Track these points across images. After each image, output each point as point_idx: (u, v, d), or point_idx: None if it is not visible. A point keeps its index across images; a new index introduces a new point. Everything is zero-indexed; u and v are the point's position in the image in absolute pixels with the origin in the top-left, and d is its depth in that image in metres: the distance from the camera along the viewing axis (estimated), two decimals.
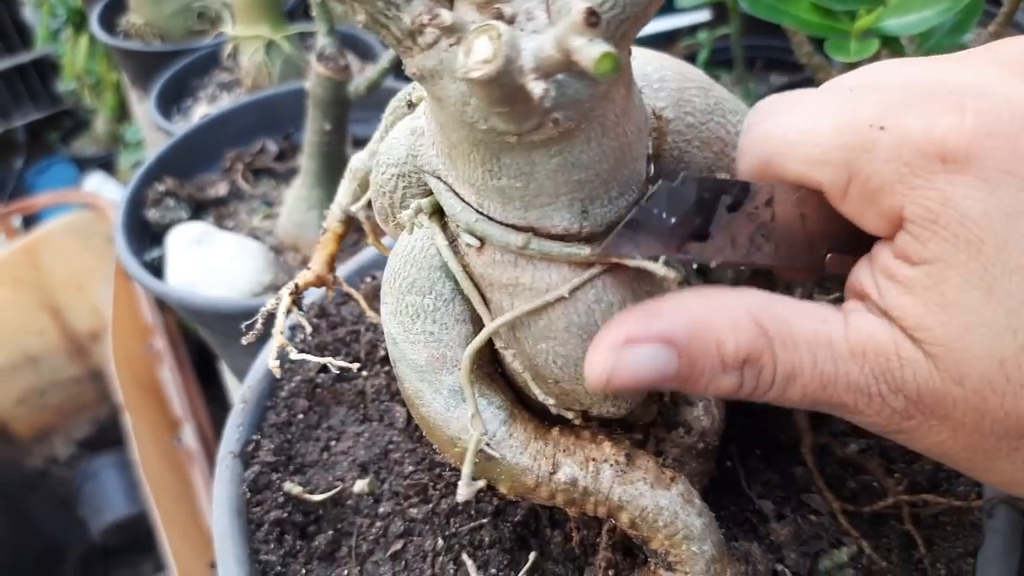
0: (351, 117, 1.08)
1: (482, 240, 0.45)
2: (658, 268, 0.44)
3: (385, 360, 0.73)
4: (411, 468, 0.66)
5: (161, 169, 1.22)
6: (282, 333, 0.54)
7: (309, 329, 0.59)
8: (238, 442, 0.68)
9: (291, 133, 1.31)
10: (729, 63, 1.45)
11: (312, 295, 0.80)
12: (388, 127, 0.54)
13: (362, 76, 1.00)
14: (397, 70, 1.06)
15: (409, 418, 0.69)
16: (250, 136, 1.31)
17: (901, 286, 0.37)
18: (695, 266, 0.56)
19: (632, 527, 0.48)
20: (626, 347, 0.39)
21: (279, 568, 0.62)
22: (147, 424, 1.61)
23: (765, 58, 1.54)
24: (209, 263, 1.08)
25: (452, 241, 0.47)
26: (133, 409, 1.58)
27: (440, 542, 0.60)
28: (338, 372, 0.74)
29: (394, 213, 0.52)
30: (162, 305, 1.83)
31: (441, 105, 0.39)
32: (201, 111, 1.47)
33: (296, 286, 0.57)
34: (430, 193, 0.49)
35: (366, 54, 1.54)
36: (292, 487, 0.65)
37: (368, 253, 0.84)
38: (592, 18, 0.29)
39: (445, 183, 0.46)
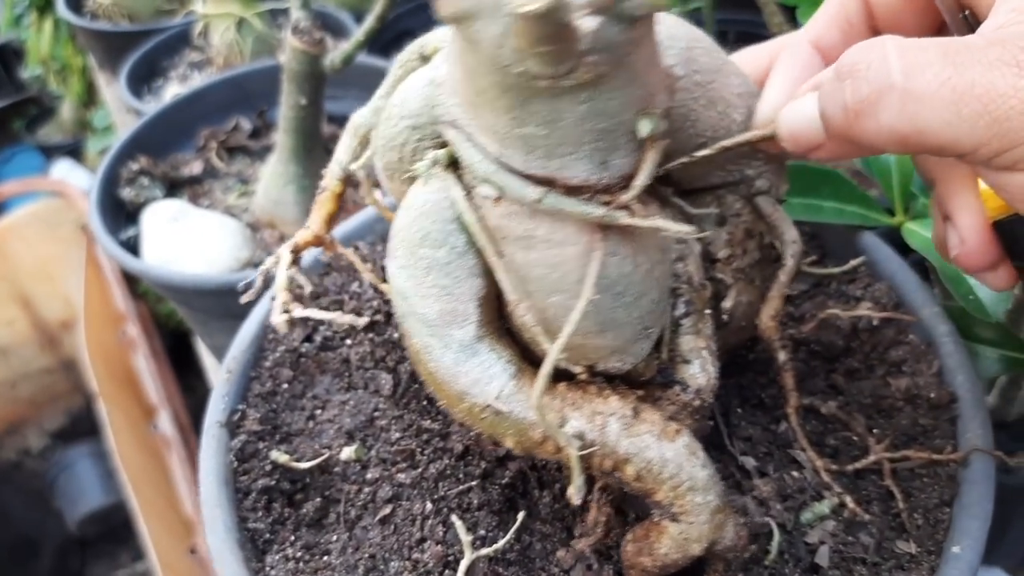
0: (324, 94, 1.07)
1: (499, 191, 0.44)
2: (670, 226, 0.44)
3: (369, 328, 0.73)
4: (398, 434, 0.65)
5: (134, 148, 1.19)
6: (285, 289, 0.53)
7: (309, 287, 0.58)
8: (224, 412, 0.67)
9: (265, 110, 1.29)
10: None
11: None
12: (397, 81, 0.53)
13: (337, 50, 0.99)
14: (369, 47, 1.05)
15: (395, 385, 0.68)
16: (224, 114, 1.29)
17: None
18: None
19: (637, 480, 0.47)
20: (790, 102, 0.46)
21: (268, 535, 0.61)
22: (122, 412, 1.59)
23: (737, 31, 1.54)
24: (186, 241, 1.06)
25: (467, 193, 0.46)
26: (108, 398, 1.56)
27: (429, 506, 0.60)
28: (322, 341, 0.74)
29: (403, 168, 0.50)
30: (135, 292, 1.81)
31: (473, 48, 0.38)
32: (172, 91, 1.44)
33: (296, 244, 0.56)
34: (443, 146, 0.47)
35: (338, 31, 1.52)
36: (279, 455, 0.64)
37: (352, 223, 0.83)
38: None
39: (465, 133, 0.44)
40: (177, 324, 1.81)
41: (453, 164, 0.47)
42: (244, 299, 0.55)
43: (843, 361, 0.68)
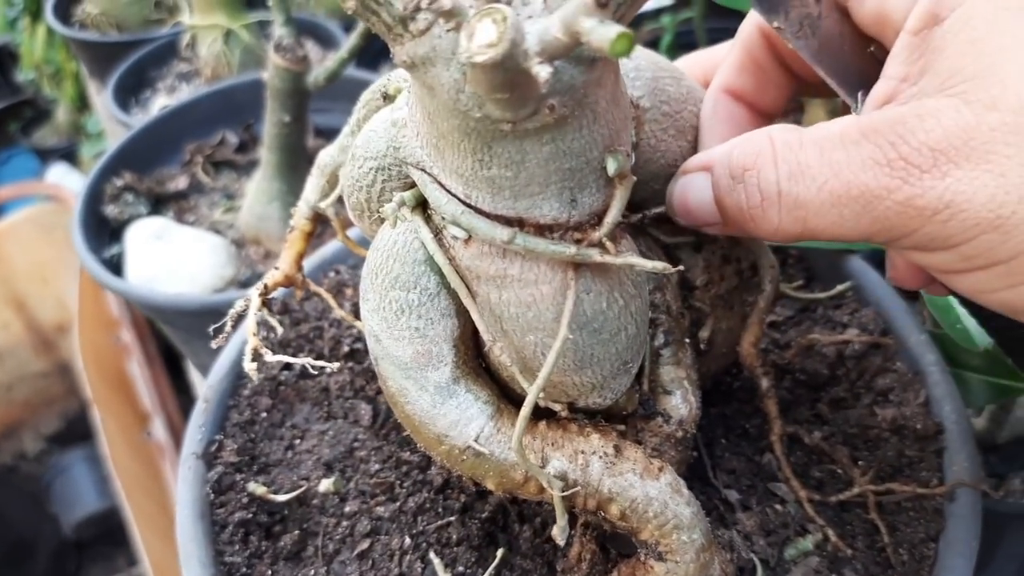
0: (311, 107, 1.05)
1: (469, 233, 0.43)
2: (643, 263, 0.43)
3: (349, 356, 0.72)
4: (377, 466, 0.64)
5: (119, 163, 1.17)
6: (255, 334, 0.52)
7: (280, 330, 0.57)
8: (200, 442, 0.66)
9: (252, 124, 1.27)
10: (692, 46, 1.43)
11: (275, 291, 0.78)
12: (361, 120, 0.52)
13: (321, 67, 0.97)
14: (357, 59, 1.04)
15: (375, 415, 0.67)
16: (210, 128, 1.27)
17: (928, 49, 0.37)
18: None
19: (622, 519, 0.46)
20: (680, 176, 0.47)
21: (244, 569, 0.60)
22: (116, 418, 1.58)
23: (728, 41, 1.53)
24: (169, 259, 1.04)
25: (436, 234, 0.45)
26: (101, 403, 1.55)
27: (407, 540, 0.59)
28: (301, 370, 0.73)
29: (371, 208, 0.49)
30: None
31: (432, 93, 0.37)
32: (160, 103, 1.43)
33: (265, 286, 0.55)
34: (411, 186, 0.46)
35: (327, 41, 1.51)
36: (256, 487, 0.63)
37: (331, 248, 0.82)
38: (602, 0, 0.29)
39: (430, 175, 0.43)
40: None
41: (421, 205, 0.46)
42: (215, 344, 0.54)
43: (829, 390, 0.66)
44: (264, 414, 0.69)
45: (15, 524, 2.18)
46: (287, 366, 0.72)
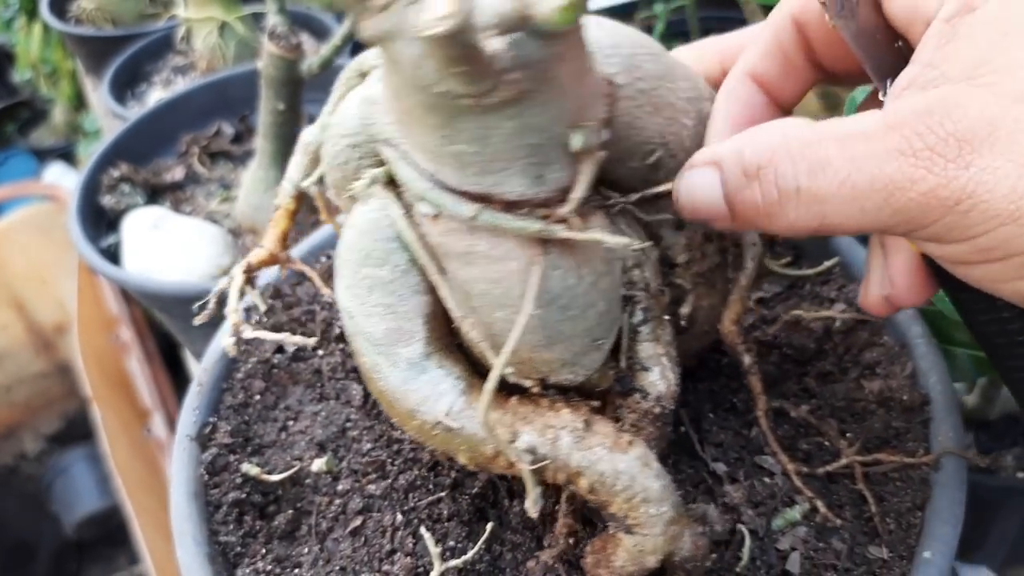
0: (306, 96, 1.06)
1: (436, 209, 0.44)
2: (608, 239, 0.44)
3: (341, 338, 0.73)
4: (369, 445, 0.65)
5: (116, 154, 1.19)
6: (236, 312, 0.53)
7: (263, 308, 0.58)
8: (195, 425, 0.67)
9: (247, 115, 1.28)
10: (685, 35, 1.44)
11: (267, 276, 0.79)
12: (340, 98, 0.53)
13: (315, 55, 0.98)
14: (351, 48, 1.05)
15: (366, 396, 0.68)
16: (205, 119, 1.28)
17: (957, 35, 0.37)
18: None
19: (591, 492, 0.47)
20: (686, 171, 0.45)
21: (239, 548, 0.61)
22: (116, 416, 1.59)
23: (720, 29, 1.54)
24: (166, 248, 1.06)
25: (407, 211, 0.46)
26: (101, 401, 1.56)
27: (399, 517, 0.60)
28: (294, 352, 0.74)
29: (347, 186, 0.50)
30: (127, 295, 1.81)
31: (396, 68, 0.38)
32: (156, 96, 1.44)
33: (249, 264, 0.56)
34: (382, 164, 0.47)
35: (321, 32, 1.52)
36: (250, 468, 0.64)
37: (323, 233, 0.83)
38: None
39: (399, 151, 0.44)
40: (164, 325, 1.80)
41: (392, 182, 0.47)
42: (197, 321, 0.55)
43: (815, 364, 0.68)
44: (258, 396, 0.71)
45: (16, 525, 2.20)
46: (280, 349, 0.73)
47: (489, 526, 0.57)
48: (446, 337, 0.51)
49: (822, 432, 0.63)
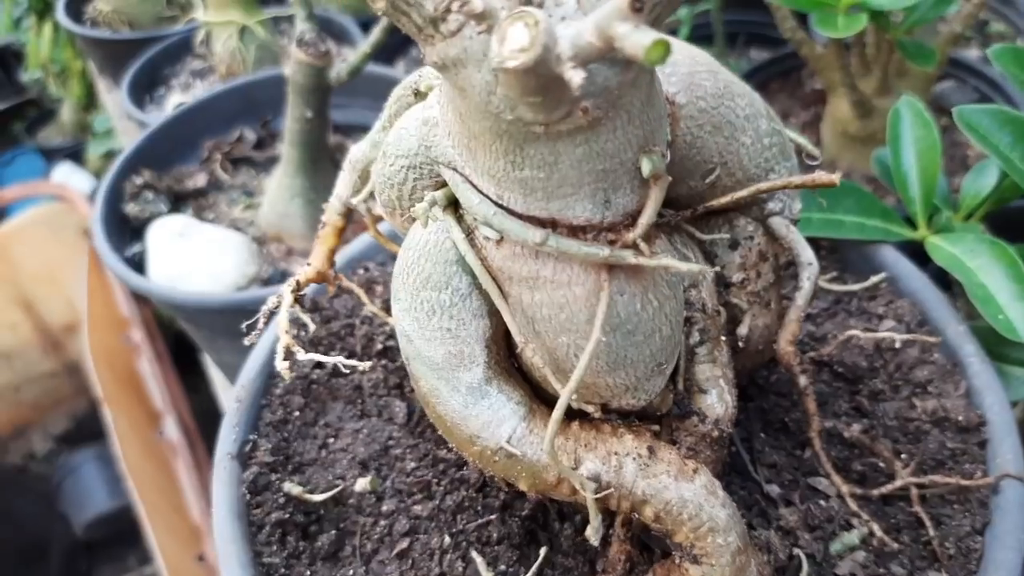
0: (330, 105, 1.05)
1: (501, 234, 0.43)
2: (679, 265, 0.43)
3: (382, 354, 0.72)
4: (413, 464, 0.64)
5: (138, 161, 1.18)
6: (288, 332, 0.52)
7: (312, 327, 0.57)
8: (235, 443, 0.66)
9: (269, 120, 1.27)
10: (710, 39, 1.43)
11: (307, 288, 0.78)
12: (392, 116, 0.52)
13: (343, 62, 0.97)
14: (378, 55, 1.04)
15: (410, 413, 0.67)
16: (228, 124, 1.27)
17: None
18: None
19: (656, 521, 0.47)
20: None
21: (283, 570, 0.60)
22: (127, 417, 1.58)
23: (746, 33, 1.53)
24: (192, 257, 1.05)
25: (468, 234, 0.46)
26: (112, 403, 1.55)
27: (447, 539, 0.59)
28: (333, 368, 0.72)
29: (403, 205, 0.50)
30: (138, 296, 1.80)
31: (463, 95, 0.37)
32: (175, 100, 1.43)
33: (297, 283, 0.55)
34: (443, 185, 0.47)
35: (342, 37, 1.50)
36: (292, 487, 0.63)
37: (359, 244, 0.82)
38: (637, 3, 0.28)
39: (462, 175, 0.44)
40: (180, 328, 1.80)
41: (453, 204, 0.46)
42: (248, 341, 0.53)
43: (867, 382, 0.67)
44: (297, 413, 0.70)
45: (27, 524, 2.19)
46: (319, 364, 0.72)
47: (543, 550, 0.56)
48: (505, 361, 0.50)
49: (876, 452, 0.62)
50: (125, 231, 1.13)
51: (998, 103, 1.14)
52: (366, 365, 0.52)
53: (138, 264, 1.08)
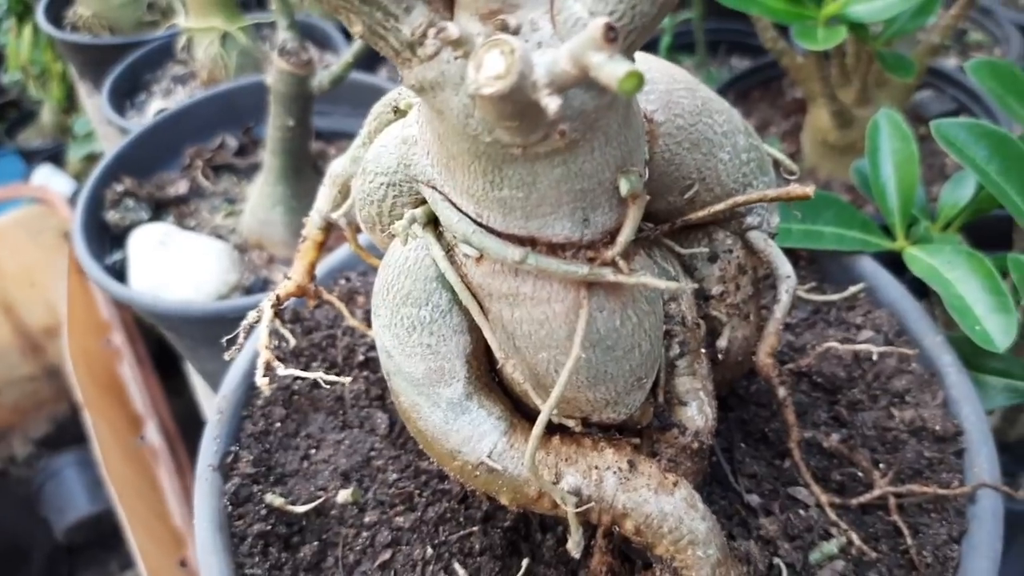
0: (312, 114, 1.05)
1: (480, 251, 0.44)
2: (657, 283, 0.43)
3: (364, 365, 0.71)
4: (395, 476, 0.64)
5: (119, 168, 1.17)
6: (268, 348, 0.52)
7: (292, 341, 0.57)
8: (216, 454, 0.66)
9: (251, 127, 1.27)
10: (691, 47, 1.44)
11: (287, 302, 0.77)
12: (372, 133, 0.52)
13: (325, 71, 0.97)
14: (360, 63, 1.03)
15: (391, 424, 0.67)
16: (210, 131, 1.27)
17: None
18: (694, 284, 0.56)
19: (637, 534, 0.47)
20: None
21: None
22: (107, 422, 1.57)
23: (728, 42, 1.54)
24: (173, 265, 1.04)
25: (448, 251, 0.46)
26: (93, 407, 1.54)
27: (429, 551, 0.59)
28: (314, 379, 0.72)
29: (383, 222, 0.50)
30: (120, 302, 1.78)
31: (441, 117, 0.38)
32: (156, 105, 1.42)
33: (278, 297, 0.55)
34: (422, 202, 0.47)
35: (325, 43, 1.50)
36: (274, 499, 0.63)
37: (340, 254, 0.82)
38: (611, 33, 0.28)
39: (441, 193, 0.44)
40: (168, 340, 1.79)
41: (432, 222, 0.47)
42: (227, 356, 0.53)
43: (845, 392, 0.67)
44: (278, 424, 0.70)
45: (8, 528, 2.17)
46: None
47: (525, 562, 0.57)
48: (486, 376, 0.50)
49: (854, 462, 0.62)
50: (105, 238, 1.12)
51: (976, 112, 1.16)
52: (346, 380, 0.52)
53: (119, 272, 1.07)
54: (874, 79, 1.06)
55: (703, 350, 0.55)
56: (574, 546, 0.47)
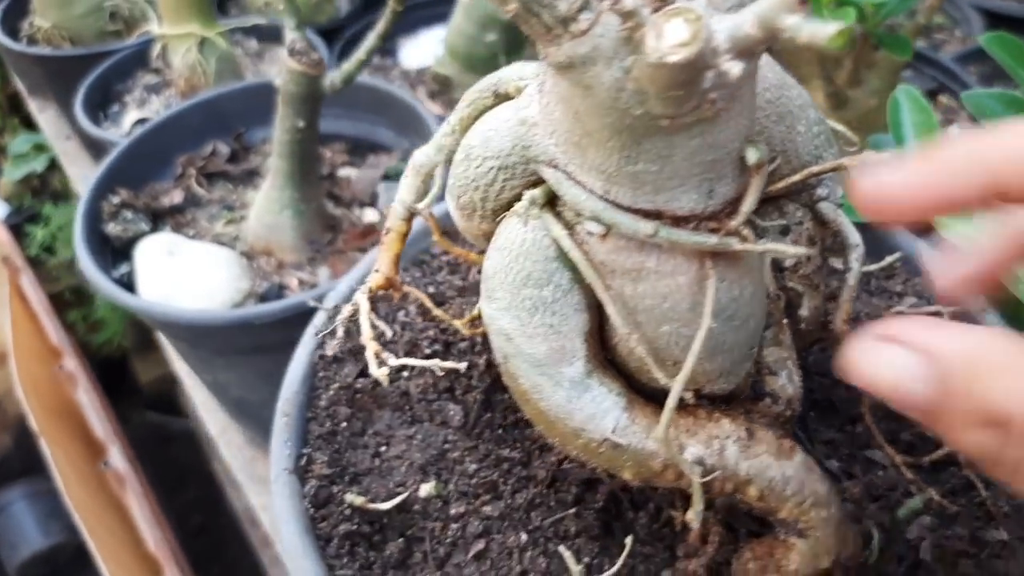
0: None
1: (608, 227, 0.44)
2: (785, 248, 0.44)
3: (429, 359, 0.71)
4: (475, 466, 0.64)
5: (111, 180, 1.13)
6: (372, 339, 0.51)
7: (389, 333, 0.57)
8: (289, 458, 0.65)
9: (242, 133, 1.25)
10: None
11: (331, 298, 0.77)
12: (465, 120, 0.53)
13: (337, 70, 0.96)
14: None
15: (465, 415, 0.67)
16: (198, 139, 1.24)
17: None
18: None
19: (760, 499, 0.48)
20: (878, 344, 0.32)
21: None
22: (64, 450, 1.52)
23: None
24: (183, 275, 1.02)
25: (568, 230, 0.47)
26: (48, 436, 1.50)
27: (524, 537, 0.59)
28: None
29: (485, 207, 0.51)
30: (68, 325, 1.74)
31: (587, 92, 0.38)
32: (132, 116, 1.38)
33: (370, 289, 0.55)
34: (535, 184, 0.48)
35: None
36: (354, 498, 0.62)
37: (371, 258, 0.81)
38: None
39: (565, 172, 0.44)
40: (107, 354, 1.76)
41: (550, 203, 0.47)
42: (330, 351, 0.53)
43: None
44: (344, 424, 0.69)
45: None
46: (361, 373, 0.71)
47: (628, 539, 0.57)
48: (600, 354, 0.51)
49: None
50: (107, 252, 1.09)
51: (955, 89, 1.21)
52: (462, 366, 0.52)
53: (126, 285, 1.05)
54: (864, 60, 1.10)
55: (785, 320, 0.57)
56: (696, 516, 0.48)
